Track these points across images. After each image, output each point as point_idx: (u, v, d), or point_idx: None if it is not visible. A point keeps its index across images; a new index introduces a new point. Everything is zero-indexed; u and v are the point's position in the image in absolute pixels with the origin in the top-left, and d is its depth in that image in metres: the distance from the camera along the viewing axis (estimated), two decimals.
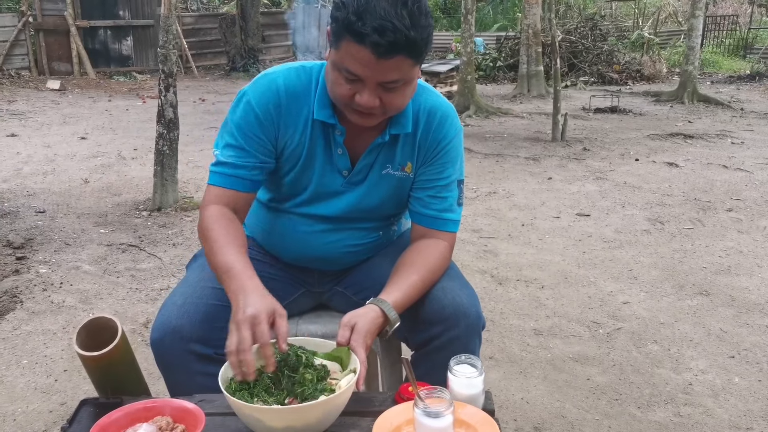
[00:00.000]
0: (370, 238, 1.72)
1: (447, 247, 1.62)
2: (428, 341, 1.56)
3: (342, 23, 1.35)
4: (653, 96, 11.20)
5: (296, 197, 1.65)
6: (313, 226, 1.68)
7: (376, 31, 1.31)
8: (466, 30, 9.35)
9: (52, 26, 12.41)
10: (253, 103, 1.55)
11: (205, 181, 5.03)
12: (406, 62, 1.38)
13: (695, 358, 2.78)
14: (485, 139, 7.60)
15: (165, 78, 4.63)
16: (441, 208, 1.62)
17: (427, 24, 1.37)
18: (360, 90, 1.41)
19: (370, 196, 1.64)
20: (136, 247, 4.04)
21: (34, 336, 2.95)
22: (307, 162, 1.60)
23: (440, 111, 1.61)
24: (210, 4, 17.90)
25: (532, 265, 3.81)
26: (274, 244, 1.75)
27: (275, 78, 1.57)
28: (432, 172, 1.62)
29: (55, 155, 6.50)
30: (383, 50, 1.33)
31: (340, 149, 1.58)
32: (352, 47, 1.35)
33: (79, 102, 10.16)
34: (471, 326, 1.55)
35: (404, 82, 1.42)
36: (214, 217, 1.53)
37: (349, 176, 1.61)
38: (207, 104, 10.15)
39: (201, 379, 1.53)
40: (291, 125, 1.57)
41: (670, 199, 5.14)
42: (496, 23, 19.59)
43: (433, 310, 1.54)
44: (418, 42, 1.35)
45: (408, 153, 1.61)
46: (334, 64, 1.43)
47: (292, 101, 1.56)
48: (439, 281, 1.59)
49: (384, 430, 1.30)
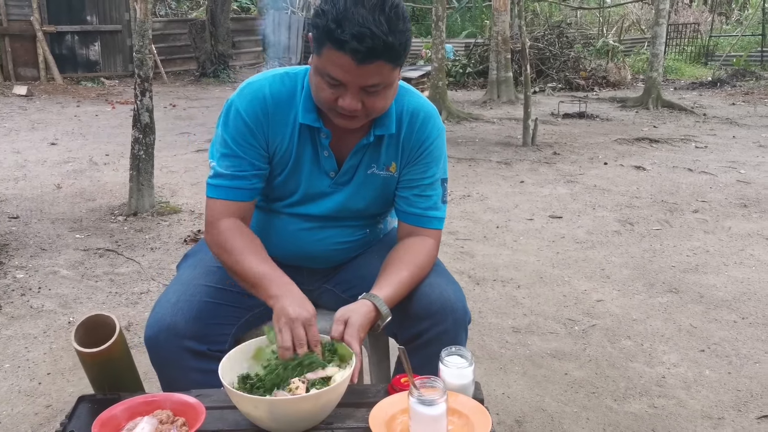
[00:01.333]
0: (357, 235, 1.77)
1: (433, 243, 1.68)
2: (417, 336, 1.61)
3: (322, 30, 1.40)
4: (619, 102, 11.44)
5: (286, 199, 1.70)
6: (302, 225, 1.72)
7: (355, 38, 1.35)
8: (437, 36, 9.46)
9: (17, 31, 12.22)
10: (242, 111, 1.59)
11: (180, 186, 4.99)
12: (386, 67, 1.43)
13: (667, 352, 2.88)
14: (458, 144, 7.70)
15: (141, 83, 4.62)
16: (426, 206, 1.68)
17: (405, 29, 1.42)
18: (342, 94, 1.45)
19: (357, 196, 1.69)
20: (113, 251, 4.03)
21: (14, 340, 2.94)
22: (295, 165, 1.64)
23: (423, 112, 1.67)
24: (179, 10, 17.79)
25: (508, 266, 3.90)
26: (264, 243, 1.80)
27: (261, 86, 1.61)
28: (416, 171, 1.67)
29: (26, 161, 6.42)
30: (362, 56, 1.38)
31: (327, 151, 1.63)
32: (333, 54, 1.40)
33: (47, 108, 10.02)
34: (458, 320, 1.61)
35: (385, 86, 1.47)
36: (231, 230, 1.58)
37: (336, 177, 1.66)
38: (178, 110, 10.09)
39: (195, 376, 1.56)
40: (279, 130, 1.61)
41: (638, 201, 5.28)
42: (465, 30, 19.78)
43: (421, 305, 1.60)
44: (397, 47, 1.40)
45: (392, 153, 1.66)
46: (316, 69, 1.47)
47: (279, 107, 1.60)
48: (426, 277, 1.64)
49: (379, 419, 1.35)
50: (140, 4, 4.56)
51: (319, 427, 1.36)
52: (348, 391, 1.40)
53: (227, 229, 1.58)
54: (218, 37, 13.64)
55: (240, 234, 1.58)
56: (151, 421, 1.32)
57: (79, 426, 1.41)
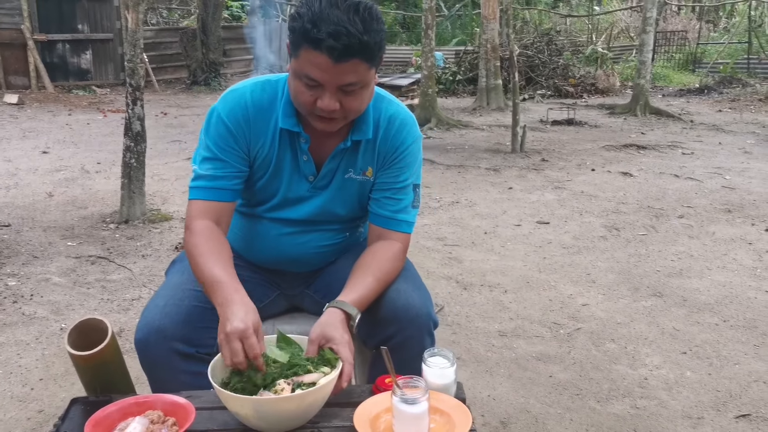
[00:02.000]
0: (337, 239, 1.83)
1: (400, 248, 1.72)
2: (385, 341, 1.65)
3: (299, 32, 1.45)
4: (607, 109, 11.55)
5: (266, 203, 1.75)
6: (282, 229, 1.77)
7: (331, 36, 1.41)
8: (427, 44, 9.55)
9: (8, 39, 12.23)
10: (224, 116, 1.64)
11: (171, 194, 5.03)
12: (362, 65, 1.48)
13: (650, 354, 2.94)
14: (447, 151, 7.77)
15: (132, 91, 4.67)
16: (396, 209, 1.72)
17: (379, 29, 1.48)
18: (321, 95, 1.50)
19: (335, 200, 1.74)
20: (105, 258, 4.06)
21: (6, 347, 2.97)
22: (276, 169, 1.69)
23: (399, 118, 1.72)
24: (170, 18, 17.83)
25: (495, 271, 3.95)
26: (247, 248, 1.84)
27: (243, 92, 1.66)
28: (389, 175, 1.72)
29: (17, 169, 6.44)
30: (338, 54, 1.43)
31: (305, 156, 1.68)
32: (310, 54, 1.45)
33: (39, 116, 10.03)
34: (423, 326, 1.65)
35: (361, 86, 1.52)
36: (200, 232, 1.61)
37: (314, 181, 1.71)
38: (169, 118, 10.13)
39: (184, 377, 1.60)
40: (261, 136, 1.66)
41: (625, 207, 5.35)
42: (455, 38, 19.91)
43: (387, 311, 1.64)
44: (372, 45, 1.46)
45: (369, 158, 1.71)
46: (294, 72, 1.53)
47: (260, 113, 1.65)
48: (394, 283, 1.68)
49: (364, 418, 1.40)
50: (132, 14, 4.61)
51: (305, 426, 1.40)
52: (334, 395, 1.45)
53: (197, 232, 1.61)
54: (209, 46, 13.69)
55: (208, 238, 1.60)
56: (143, 421, 1.36)
57: (72, 427, 1.44)
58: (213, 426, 1.42)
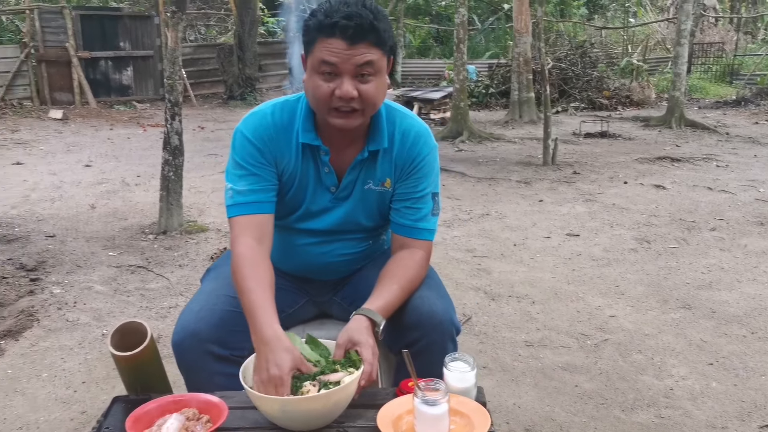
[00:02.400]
0: (360, 247, 1.91)
1: (423, 255, 1.79)
2: (408, 346, 1.72)
3: (314, 26, 1.59)
4: (642, 121, 11.47)
5: (292, 214, 1.84)
6: (308, 239, 1.86)
7: (345, 17, 1.54)
8: (459, 58, 9.63)
9: (54, 57, 12.66)
10: (249, 135, 1.74)
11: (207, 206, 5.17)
12: (374, 49, 1.59)
13: (676, 365, 2.95)
14: (478, 164, 7.83)
15: (171, 107, 4.83)
16: (416, 218, 1.79)
17: (387, 21, 1.62)
18: (339, 84, 1.60)
19: (357, 210, 1.83)
20: (144, 268, 4.21)
21: (51, 351, 3.11)
22: (301, 183, 1.78)
23: (414, 130, 1.80)
24: (208, 35, 18.22)
25: (524, 282, 3.99)
26: (277, 257, 1.93)
27: (264, 113, 1.76)
28: (408, 185, 1.80)
29: (62, 182, 6.68)
30: (352, 33, 1.55)
31: (327, 168, 1.77)
32: (325, 42, 1.57)
33: (82, 131, 10.36)
34: (445, 333, 1.72)
35: (375, 71, 1.61)
36: (244, 255, 1.66)
37: (336, 192, 1.80)
38: (206, 132, 10.36)
39: (218, 379, 1.69)
40: (285, 153, 1.76)
41: (656, 220, 5.35)
42: (488, 51, 19.95)
43: (411, 317, 1.72)
44: (381, 31, 1.58)
45: (387, 170, 1.79)
46: (311, 69, 1.63)
47: (282, 132, 1.75)
48: (418, 290, 1.75)
49: (387, 418, 1.47)
50: (171, 32, 4.79)
51: (331, 425, 1.48)
52: (358, 394, 1.53)
53: (242, 255, 1.67)
54: (245, 61, 13.97)
55: (251, 261, 1.65)
56: (179, 418, 1.45)
57: (114, 423, 1.55)
58: (244, 424, 1.50)
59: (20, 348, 3.14)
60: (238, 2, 13.84)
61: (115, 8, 14.76)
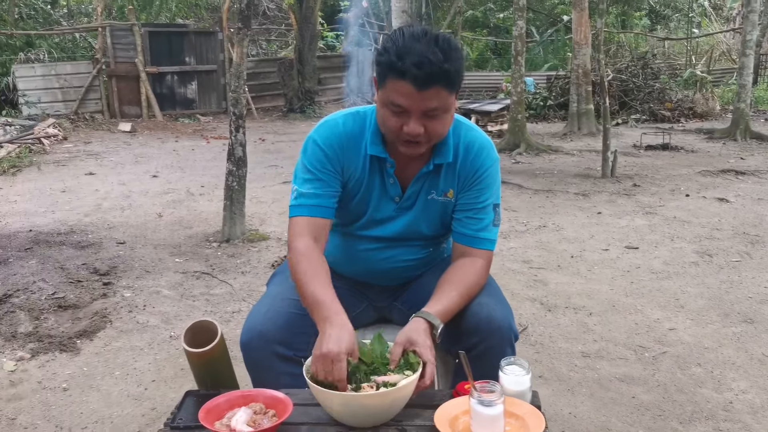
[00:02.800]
0: (421, 254, 1.98)
1: (483, 264, 1.84)
2: (467, 350, 1.78)
3: (385, 65, 1.65)
4: (706, 133, 11.21)
5: (356, 221, 1.92)
6: (371, 245, 1.95)
7: (415, 65, 1.59)
8: (516, 71, 9.62)
9: (123, 72, 13.19)
10: (320, 143, 1.84)
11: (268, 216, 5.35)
12: (443, 92, 1.65)
13: (737, 379, 2.92)
14: (535, 176, 7.80)
15: (236, 119, 5.02)
16: (477, 228, 1.86)
17: (458, 57, 1.65)
18: (407, 121, 1.67)
19: (419, 220, 1.90)
20: (208, 274, 4.38)
21: (123, 351, 3.28)
22: (366, 191, 1.87)
23: (477, 143, 1.86)
24: (269, 49, 18.66)
25: (581, 294, 3.99)
26: (339, 262, 2.02)
27: (336, 122, 1.86)
28: (470, 196, 1.86)
29: (131, 192, 6.98)
30: (422, 81, 1.60)
31: (392, 179, 1.86)
32: (396, 83, 1.64)
33: (149, 143, 10.77)
34: (504, 338, 1.77)
35: (443, 110, 1.68)
36: (302, 251, 1.76)
37: (400, 202, 1.88)
38: (267, 144, 10.61)
39: (283, 378, 1.78)
40: (353, 162, 1.85)
41: (719, 233, 5.24)
42: (547, 63, 19.80)
43: (470, 323, 1.77)
44: (452, 73, 1.63)
45: (450, 181, 1.86)
46: (382, 101, 1.71)
47: (351, 141, 1.84)
48: (477, 297, 1.81)
49: (444, 418, 1.53)
50: (237, 48, 4.98)
51: (389, 423, 1.55)
52: (416, 395, 1.59)
53: (300, 252, 1.76)
54: (305, 75, 14.26)
55: (309, 258, 1.75)
56: (247, 411, 1.55)
57: (186, 415, 1.65)
58: (307, 420, 1.58)
59: (95, 347, 3.32)
60: (299, 17, 14.16)
61: (182, 25, 15.27)
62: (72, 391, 2.90)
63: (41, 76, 12.51)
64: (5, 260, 4.58)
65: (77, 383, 2.96)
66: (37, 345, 3.31)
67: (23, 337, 3.39)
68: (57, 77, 12.65)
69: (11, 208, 6.25)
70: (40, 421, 2.66)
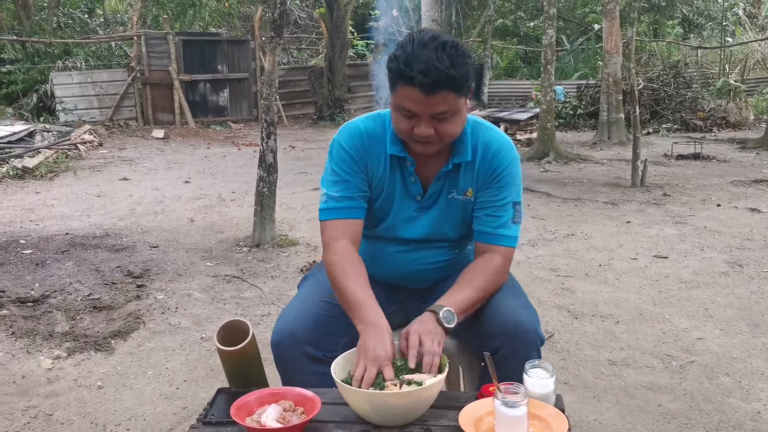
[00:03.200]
0: (447, 255, 2.02)
1: (501, 261, 1.87)
2: (494, 352, 1.81)
3: (395, 72, 1.71)
4: (739, 143, 11.07)
5: (381, 223, 1.98)
6: (398, 248, 2.00)
7: (422, 73, 1.65)
8: (546, 79, 9.62)
9: (157, 80, 13.44)
10: (344, 145, 1.91)
11: (297, 222, 5.42)
12: (450, 95, 1.70)
13: (765, 389, 2.90)
14: (564, 185, 7.78)
15: (267, 126, 5.11)
16: (496, 225, 1.89)
17: (465, 62, 1.70)
18: (417, 124, 1.74)
19: (441, 219, 1.95)
20: (238, 278, 4.46)
21: (156, 351, 3.36)
22: (389, 191, 1.93)
23: (495, 143, 1.91)
24: (300, 58, 18.86)
25: (608, 302, 3.98)
26: (368, 266, 2.05)
27: (357, 124, 1.94)
28: (489, 194, 1.90)
29: (163, 197, 7.12)
30: (429, 88, 1.66)
31: (413, 177, 1.91)
32: (405, 89, 1.70)
33: (182, 149, 10.96)
34: (530, 342, 1.80)
35: (452, 112, 1.74)
36: (340, 252, 1.83)
37: (421, 201, 1.93)
38: (297, 151, 10.73)
39: (311, 377, 1.83)
40: (375, 162, 1.91)
41: (750, 243, 5.19)
42: (577, 72, 19.71)
43: (497, 324, 1.80)
44: (458, 78, 1.68)
45: (469, 180, 1.91)
46: (394, 106, 1.78)
47: (373, 142, 1.91)
48: (504, 299, 1.84)
49: (468, 419, 1.56)
50: (269, 57, 5.07)
51: (415, 423, 1.59)
52: (442, 396, 1.63)
53: (340, 253, 1.83)
54: (335, 83, 14.39)
55: (349, 260, 1.82)
56: (277, 408, 1.60)
57: (218, 411, 1.71)
58: (335, 418, 1.63)
59: (128, 347, 3.41)
60: (330, 26, 14.31)
61: (215, 33, 15.53)
62: (106, 389, 2.98)
63: (78, 84, 12.81)
64: (43, 262, 4.72)
65: (111, 382, 3.05)
66: (73, 344, 3.41)
67: (60, 337, 3.50)
68: (93, 85, 12.94)
69: (48, 211, 6.42)
70: (76, 418, 2.74)
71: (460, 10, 21.39)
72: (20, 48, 13.38)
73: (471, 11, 21.76)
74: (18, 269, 4.58)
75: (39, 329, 3.58)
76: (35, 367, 3.17)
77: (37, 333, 3.53)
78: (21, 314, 3.78)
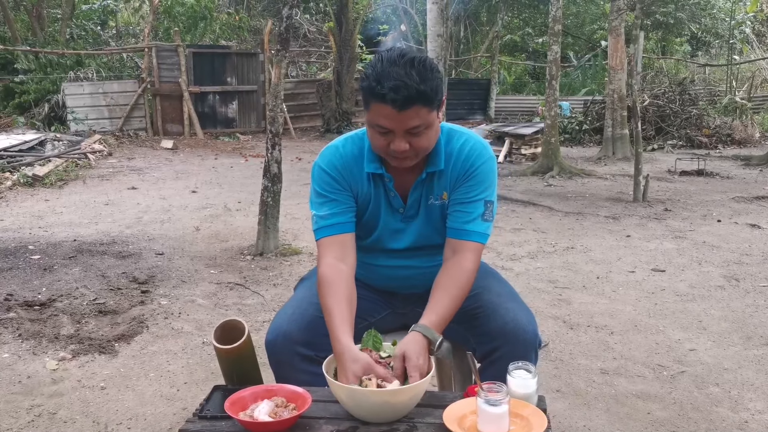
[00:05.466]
0: (438, 260, 2.06)
1: (470, 258, 1.90)
2: (491, 352, 1.89)
3: (367, 90, 1.78)
4: (743, 160, 11.11)
5: (370, 236, 2.06)
6: (389, 258, 2.08)
7: (393, 90, 1.71)
8: (551, 95, 9.71)
9: (167, 92, 13.61)
10: (325, 167, 1.99)
11: (301, 231, 5.52)
12: (423, 110, 1.77)
13: (754, 400, 2.95)
14: (567, 199, 7.85)
15: (272, 137, 5.21)
16: (464, 220, 1.93)
17: (434, 77, 1.76)
18: (392, 140, 1.80)
19: (426, 227, 2.02)
20: (241, 285, 4.54)
21: (158, 355, 3.44)
22: (374, 206, 2.01)
23: (469, 144, 1.96)
24: (308, 71, 19.04)
25: (604, 313, 4.04)
26: (362, 274, 2.14)
27: (336, 146, 2.02)
28: (461, 192, 1.95)
29: (170, 206, 7.23)
30: (400, 104, 1.73)
31: (392, 192, 1.99)
32: (378, 106, 1.77)
33: (190, 160, 11.09)
34: (528, 342, 1.88)
35: (425, 126, 1.80)
36: (323, 274, 1.88)
37: (404, 212, 2.01)
38: (303, 163, 10.83)
39: (304, 376, 1.91)
40: (357, 180, 1.99)
41: (748, 259, 5.23)
42: (584, 87, 19.81)
43: (496, 326, 1.88)
44: (428, 92, 1.75)
45: (443, 185, 1.98)
46: (368, 123, 1.85)
47: (352, 161, 1.99)
48: (504, 302, 1.92)
49: (452, 416, 1.64)
50: (276, 69, 5.18)
51: (401, 420, 1.66)
52: (429, 396, 1.71)
53: (321, 274, 1.88)
54: (343, 96, 14.54)
55: (329, 281, 1.85)
56: (269, 404, 1.68)
57: (214, 406, 1.79)
58: (325, 414, 1.70)
59: (131, 350, 3.49)
60: (338, 40, 14.47)
61: (225, 46, 15.70)
62: (109, 390, 3.06)
63: (89, 94, 12.99)
64: (51, 267, 4.82)
65: (114, 383, 3.13)
66: (78, 346, 3.50)
67: (65, 339, 3.58)
68: (104, 95, 13.12)
69: (57, 218, 6.54)
70: (79, 417, 2.82)
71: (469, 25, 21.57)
72: (33, 58, 13.60)
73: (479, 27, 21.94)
74: (26, 274, 4.69)
75: (45, 332, 3.67)
76: (40, 367, 3.26)
77: (43, 335, 3.62)
78: (28, 317, 3.87)
